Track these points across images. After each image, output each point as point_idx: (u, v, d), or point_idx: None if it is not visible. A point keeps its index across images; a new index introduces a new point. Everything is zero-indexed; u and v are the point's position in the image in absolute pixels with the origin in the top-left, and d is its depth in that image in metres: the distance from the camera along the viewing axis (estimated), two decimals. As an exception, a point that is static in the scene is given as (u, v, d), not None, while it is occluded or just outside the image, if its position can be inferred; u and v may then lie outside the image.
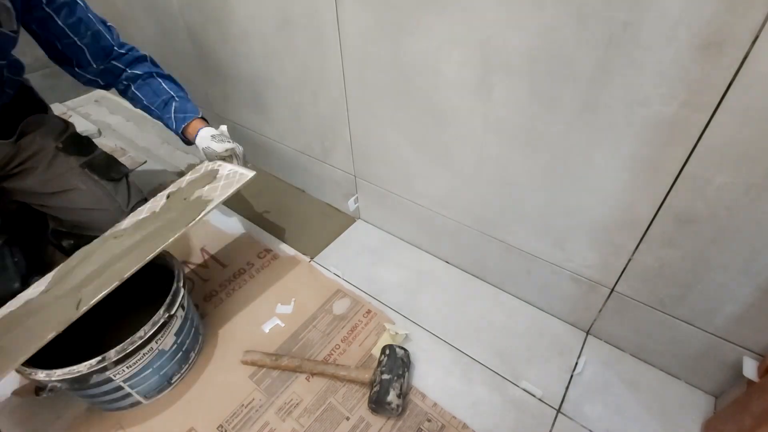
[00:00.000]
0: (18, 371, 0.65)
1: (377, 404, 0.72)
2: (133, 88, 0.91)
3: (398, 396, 0.72)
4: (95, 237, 0.87)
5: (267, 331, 0.88)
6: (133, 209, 0.91)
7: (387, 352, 0.78)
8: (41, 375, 0.64)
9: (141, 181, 1.10)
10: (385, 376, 0.74)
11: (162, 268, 0.80)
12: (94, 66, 0.87)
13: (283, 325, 0.90)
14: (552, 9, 0.55)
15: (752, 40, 0.45)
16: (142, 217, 0.82)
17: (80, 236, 0.95)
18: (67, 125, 0.96)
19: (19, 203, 0.95)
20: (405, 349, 0.79)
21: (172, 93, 0.92)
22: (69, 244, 0.98)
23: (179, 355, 0.77)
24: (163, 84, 0.92)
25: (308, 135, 1.07)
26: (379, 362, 0.77)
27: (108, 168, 0.97)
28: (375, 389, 0.73)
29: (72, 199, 0.92)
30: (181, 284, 0.76)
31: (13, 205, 0.95)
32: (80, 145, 0.95)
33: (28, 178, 0.89)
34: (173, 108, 0.91)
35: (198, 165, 0.92)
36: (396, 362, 0.76)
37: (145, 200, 0.99)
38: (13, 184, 0.90)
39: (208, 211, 0.77)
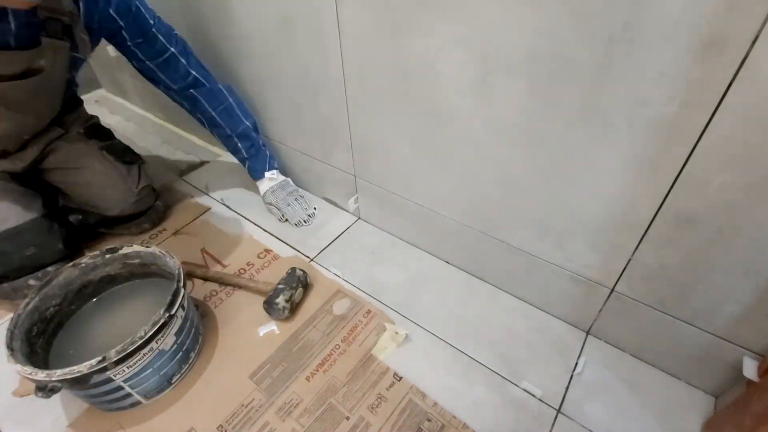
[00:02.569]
0: (18, 371, 0.65)
1: (268, 304, 0.88)
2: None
3: (286, 301, 0.87)
4: (101, 215, 1.03)
5: (267, 330, 0.89)
6: (140, 192, 1.05)
7: (288, 271, 0.94)
8: (41, 375, 0.64)
9: (141, 181, 1.10)
10: (280, 286, 0.90)
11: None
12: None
13: (283, 325, 0.90)
14: (552, 9, 0.55)
15: (752, 40, 0.45)
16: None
17: (87, 212, 1.05)
18: (92, 117, 1.09)
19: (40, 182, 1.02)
20: (304, 271, 0.94)
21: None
22: (76, 219, 1.06)
23: (179, 355, 0.77)
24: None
25: (308, 135, 1.07)
26: (281, 279, 0.92)
27: (123, 153, 1.08)
28: (270, 294, 0.89)
29: (87, 175, 1.02)
30: (181, 284, 0.76)
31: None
32: (101, 133, 1.07)
33: (51, 155, 0.99)
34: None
35: None
36: (293, 278, 0.92)
37: (152, 189, 1.11)
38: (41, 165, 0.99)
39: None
